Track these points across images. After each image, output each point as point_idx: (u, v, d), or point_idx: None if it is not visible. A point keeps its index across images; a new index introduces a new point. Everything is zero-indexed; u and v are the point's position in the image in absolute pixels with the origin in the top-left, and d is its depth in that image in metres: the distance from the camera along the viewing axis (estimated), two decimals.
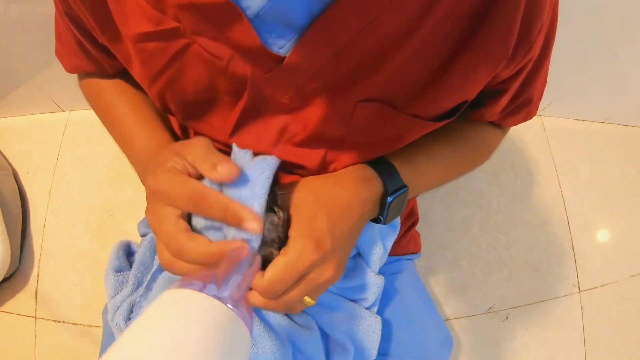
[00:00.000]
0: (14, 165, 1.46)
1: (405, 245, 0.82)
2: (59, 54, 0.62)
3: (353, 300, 0.65)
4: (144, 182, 0.54)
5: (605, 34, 1.22)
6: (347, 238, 0.50)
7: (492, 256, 1.42)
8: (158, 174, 0.43)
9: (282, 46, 0.43)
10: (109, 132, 0.64)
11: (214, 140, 0.53)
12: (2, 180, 1.36)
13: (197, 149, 0.45)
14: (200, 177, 0.44)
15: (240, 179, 0.43)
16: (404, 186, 0.55)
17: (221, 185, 0.43)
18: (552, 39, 0.51)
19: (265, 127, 0.52)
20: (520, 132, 1.55)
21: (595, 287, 1.40)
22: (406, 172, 0.57)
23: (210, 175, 0.42)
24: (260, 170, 0.44)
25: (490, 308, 1.37)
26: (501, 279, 1.40)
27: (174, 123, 0.63)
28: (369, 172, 0.55)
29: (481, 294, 1.38)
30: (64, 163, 1.47)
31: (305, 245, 0.44)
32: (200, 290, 0.31)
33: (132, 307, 0.62)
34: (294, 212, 0.48)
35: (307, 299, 0.48)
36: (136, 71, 0.52)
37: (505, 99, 0.55)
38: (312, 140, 0.52)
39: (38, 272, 1.37)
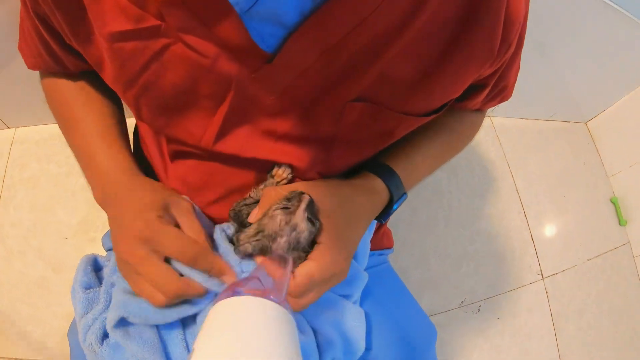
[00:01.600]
0: None
1: (380, 240, 0.83)
2: (20, 49, 0.58)
3: (339, 295, 0.64)
4: (102, 201, 0.55)
5: (541, 34, 1.31)
6: (358, 244, 0.56)
7: (459, 251, 1.46)
8: (149, 219, 0.47)
9: (271, 44, 0.43)
10: (67, 141, 0.61)
11: (190, 146, 0.52)
12: None
13: (190, 217, 0.51)
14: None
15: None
16: (405, 193, 0.61)
17: None
18: (524, 33, 0.54)
19: (251, 129, 0.51)
20: None
21: (557, 273, 1.47)
22: (407, 178, 0.61)
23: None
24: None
25: (462, 302, 1.40)
26: (469, 273, 1.44)
27: (146, 133, 0.60)
28: (379, 184, 0.58)
29: (452, 289, 1.41)
30: (10, 185, 1.36)
31: (338, 254, 0.49)
32: (259, 296, 0.34)
33: (105, 324, 0.56)
34: (324, 217, 0.50)
35: None
36: (109, 75, 0.49)
37: (486, 91, 0.59)
38: (300, 140, 0.52)
39: None
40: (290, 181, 0.56)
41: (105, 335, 0.56)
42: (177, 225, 0.50)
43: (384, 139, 0.56)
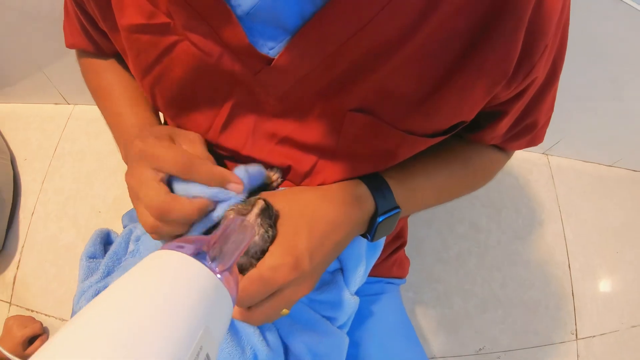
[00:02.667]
0: (13, 150, 1.48)
1: (389, 268, 0.78)
2: (65, 28, 0.63)
3: (323, 316, 0.60)
4: (125, 157, 0.54)
5: (615, 69, 1.20)
6: (327, 257, 0.49)
7: (487, 294, 1.35)
8: (147, 137, 0.46)
9: (272, 47, 0.42)
10: (101, 111, 0.64)
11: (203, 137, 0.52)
12: None
13: (195, 144, 0.48)
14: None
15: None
16: (396, 207, 0.53)
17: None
18: (561, 63, 0.48)
19: (253, 129, 0.51)
20: (525, 170, 1.51)
21: (594, 336, 1.31)
22: (401, 192, 0.54)
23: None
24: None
25: (480, 349, 1.29)
26: (495, 319, 1.32)
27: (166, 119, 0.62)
28: (362, 190, 0.52)
29: (472, 334, 1.31)
30: (60, 155, 1.48)
31: (283, 263, 0.44)
32: (191, 254, 0.31)
33: (98, 293, 0.59)
34: (279, 224, 0.47)
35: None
36: (130, 62, 0.52)
37: (506, 122, 0.53)
38: (300, 146, 0.51)
39: (19, 259, 1.36)
40: (277, 185, 0.54)
41: None
42: None
43: (387, 158, 0.52)
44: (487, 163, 0.64)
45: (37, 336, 1.24)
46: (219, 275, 0.31)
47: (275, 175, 0.53)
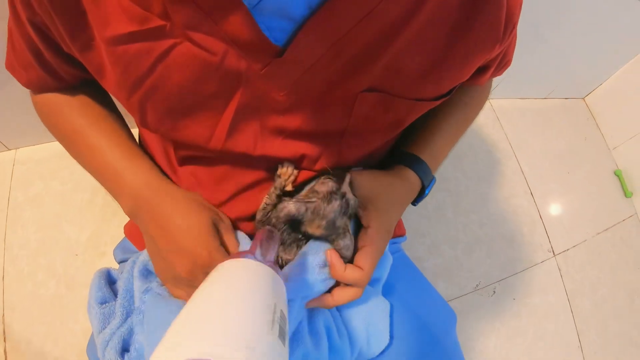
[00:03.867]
0: None
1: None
2: (11, 67, 0.56)
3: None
4: (133, 214, 0.56)
5: (533, 14, 1.31)
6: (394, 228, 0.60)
7: (469, 236, 1.46)
8: (213, 252, 0.51)
9: (279, 39, 0.42)
10: (74, 157, 0.59)
11: (199, 148, 0.52)
12: None
13: (228, 237, 0.54)
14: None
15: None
16: (434, 177, 0.64)
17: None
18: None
19: (260, 127, 0.50)
20: None
21: (567, 249, 1.48)
22: (432, 162, 0.63)
23: None
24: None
25: (476, 286, 1.41)
26: (481, 257, 1.44)
27: (151, 140, 0.60)
28: (411, 174, 0.61)
29: (466, 274, 1.42)
30: (15, 205, 1.34)
31: (383, 238, 0.55)
32: (251, 259, 0.43)
33: (124, 338, 0.57)
34: (370, 203, 0.54)
35: None
36: (112, 81, 0.47)
37: (492, 70, 0.59)
38: (310, 136, 0.52)
39: (3, 329, 1.23)
40: (295, 179, 0.56)
41: (124, 349, 0.56)
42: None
43: (394, 127, 0.56)
44: (479, 99, 0.72)
45: None
46: (269, 267, 0.43)
47: (289, 169, 0.55)
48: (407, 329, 0.71)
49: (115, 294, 0.62)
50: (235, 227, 0.58)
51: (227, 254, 0.53)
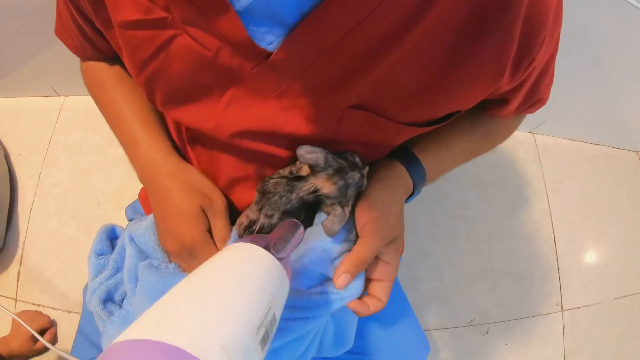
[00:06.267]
0: (5, 145, 1.47)
1: None
2: (59, 33, 0.62)
3: None
4: (143, 181, 0.61)
5: (598, 50, 1.22)
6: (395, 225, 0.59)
7: (476, 267, 1.41)
8: (197, 239, 0.55)
9: (270, 42, 0.43)
10: (109, 124, 0.65)
11: (201, 130, 0.53)
12: None
13: (218, 219, 0.57)
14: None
15: None
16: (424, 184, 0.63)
17: None
18: (557, 45, 0.51)
19: (254, 123, 0.51)
20: (512, 148, 1.55)
21: (578, 307, 1.39)
22: (431, 172, 0.61)
23: None
24: None
25: (471, 321, 1.36)
26: (484, 291, 1.39)
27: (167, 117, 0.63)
28: (405, 173, 0.59)
29: (463, 306, 1.38)
30: (55, 148, 1.47)
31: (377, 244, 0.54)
32: (261, 246, 0.42)
33: (109, 291, 0.63)
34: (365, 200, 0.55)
35: None
36: (125, 59, 0.52)
37: (513, 106, 0.56)
38: (304, 139, 0.52)
39: (22, 255, 1.37)
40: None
41: (107, 300, 0.63)
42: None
43: (384, 146, 0.57)
44: (500, 132, 0.68)
45: (45, 329, 1.26)
46: (278, 261, 0.42)
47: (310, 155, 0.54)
48: (378, 344, 0.72)
49: (113, 248, 0.69)
50: (234, 211, 0.61)
51: (213, 240, 0.56)
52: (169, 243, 0.57)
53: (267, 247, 0.42)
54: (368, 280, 0.56)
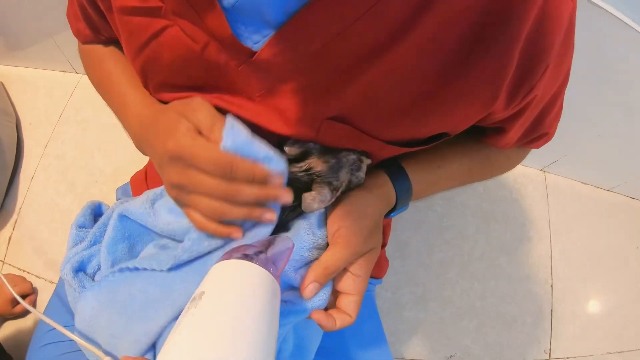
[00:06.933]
0: (19, 113, 1.52)
1: None
2: (68, 15, 0.64)
3: None
4: (139, 146, 0.57)
5: (629, 98, 1.17)
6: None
7: (465, 303, 1.35)
8: (179, 138, 0.45)
9: (257, 41, 0.43)
10: (104, 99, 0.65)
11: None
12: (3, 125, 1.42)
13: (199, 113, 0.46)
14: None
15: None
16: (405, 206, 0.60)
17: None
18: (566, 79, 0.49)
19: (241, 117, 0.50)
20: (520, 184, 1.50)
21: (567, 358, 1.31)
22: (419, 191, 0.58)
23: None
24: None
25: (450, 357, 1.30)
26: (469, 329, 1.33)
27: None
28: (392, 193, 0.57)
29: (444, 340, 1.32)
30: (65, 122, 1.51)
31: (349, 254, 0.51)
32: (261, 265, 0.40)
33: (82, 261, 0.63)
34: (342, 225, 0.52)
35: None
36: (123, 43, 0.53)
37: (512, 135, 0.53)
38: (284, 140, 0.51)
39: (16, 220, 1.41)
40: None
41: (78, 270, 0.62)
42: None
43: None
44: (506, 160, 0.65)
45: (26, 295, 1.29)
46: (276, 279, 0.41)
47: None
48: None
49: (94, 224, 0.69)
50: None
51: (200, 135, 0.46)
52: (170, 172, 0.48)
53: (266, 265, 0.40)
54: (335, 293, 0.52)
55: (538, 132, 0.55)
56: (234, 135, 0.44)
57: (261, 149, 0.45)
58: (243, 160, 0.44)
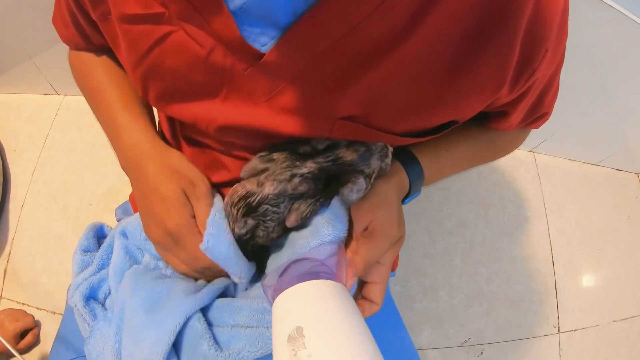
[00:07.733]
0: (1, 141, 1.46)
1: None
2: (55, 21, 0.62)
3: None
4: (124, 167, 0.59)
5: (604, 74, 1.22)
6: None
7: (472, 288, 1.38)
8: (182, 224, 0.53)
9: (264, 43, 0.42)
10: (93, 112, 0.64)
11: (198, 127, 0.53)
12: None
13: (201, 206, 0.54)
14: None
15: None
16: (418, 192, 0.61)
17: None
18: (562, 60, 0.50)
19: (248, 123, 0.50)
20: (512, 167, 1.54)
21: (575, 330, 1.35)
22: (429, 170, 0.59)
23: None
24: None
25: (465, 341, 1.32)
26: (479, 313, 1.36)
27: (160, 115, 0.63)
28: (406, 179, 0.57)
29: (457, 326, 1.34)
30: (51, 146, 1.47)
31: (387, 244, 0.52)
32: (329, 279, 0.42)
33: (92, 287, 0.62)
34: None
35: None
36: (122, 53, 0.52)
37: (515, 117, 0.55)
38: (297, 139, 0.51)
39: (10, 251, 1.35)
40: None
41: (89, 297, 0.61)
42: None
43: None
44: (509, 142, 0.67)
45: (29, 330, 1.23)
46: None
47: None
48: None
49: (99, 247, 0.67)
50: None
51: (197, 226, 0.54)
52: (152, 230, 0.55)
53: (333, 276, 0.42)
54: (361, 283, 0.52)
55: (538, 113, 0.57)
56: (214, 241, 0.52)
57: (233, 260, 0.54)
58: (212, 267, 0.55)
